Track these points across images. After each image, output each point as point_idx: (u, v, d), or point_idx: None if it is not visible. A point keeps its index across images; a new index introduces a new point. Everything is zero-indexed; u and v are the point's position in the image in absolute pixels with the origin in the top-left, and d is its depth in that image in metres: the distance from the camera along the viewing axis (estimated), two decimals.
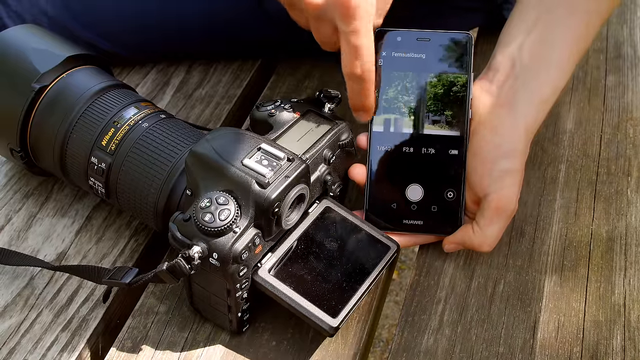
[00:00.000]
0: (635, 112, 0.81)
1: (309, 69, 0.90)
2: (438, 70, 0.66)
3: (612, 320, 0.62)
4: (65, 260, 0.67)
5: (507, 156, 0.63)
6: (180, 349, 0.60)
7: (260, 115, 0.64)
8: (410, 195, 0.65)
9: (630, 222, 0.70)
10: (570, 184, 0.73)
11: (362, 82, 0.60)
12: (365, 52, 0.58)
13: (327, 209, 0.62)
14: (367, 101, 0.62)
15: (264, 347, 0.60)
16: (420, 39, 0.66)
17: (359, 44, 0.57)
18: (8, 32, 0.69)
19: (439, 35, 0.66)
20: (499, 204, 0.62)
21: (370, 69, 0.59)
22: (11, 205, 0.72)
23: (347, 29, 0.56)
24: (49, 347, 0.61)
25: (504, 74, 0.66)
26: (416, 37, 0.66)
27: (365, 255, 0.60)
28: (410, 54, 0.66)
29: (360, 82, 0.60)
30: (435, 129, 0.66)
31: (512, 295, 0.64)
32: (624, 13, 0.97)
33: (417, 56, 0.66)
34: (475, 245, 0.63)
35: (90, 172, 0.64)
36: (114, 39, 0.86)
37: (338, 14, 0.56)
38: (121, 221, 0.71)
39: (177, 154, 0.61)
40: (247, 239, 0.54)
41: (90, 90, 0.65)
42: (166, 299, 0.64)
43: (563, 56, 0.66)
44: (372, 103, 0.63)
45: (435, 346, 0.60)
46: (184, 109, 0.84)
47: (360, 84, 0.60)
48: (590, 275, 0.65)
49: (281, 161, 0.55)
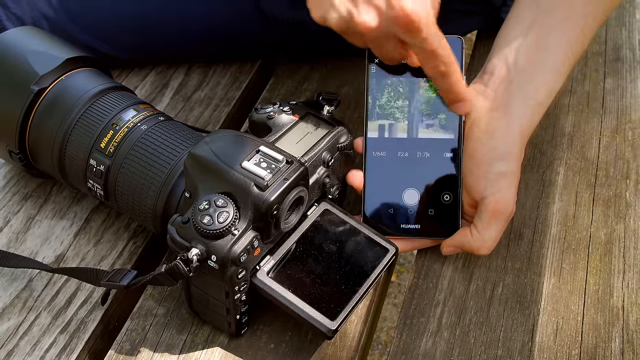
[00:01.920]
0: (634, 115, 0.81)
1: (308, 71, 0.90)
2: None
3: (610, 323, 0.62)
4: (63, 263, 0.67)
5: (503, 159, 0.63)
6: (179, 351, 0.60)
7: (259, 118, 0.64)
8: (407, 200, 0.65)
9: (628, 225, 0.70)
10: (569, 186, 0.74)
11: (449, 77, 0.61)
12: (441, 52, 0.59)
13: (325, 211, 0.62)
14: (461, 91, 0.63)
15: (262, 350, 0.60)
16: None
17: (434, 48, 0.58)
18: (7, 34, 0.69)
19: None
20: (496, 206, 0.62)
21: (451, 63, 0.60)
22: (10, 207, 0.72)
23: (417, 42, 0.58)
24: (47, 349, 0.61)
25: (499, 77, 0.66)
26: None
27: (363, 258, 0.60)
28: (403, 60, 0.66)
29: (447, 78, 0.62)
30: (430, 132, 0.66)
31: (511, 298, 0.64)
32: (623, 16, 0.97)
33: None
34: (474, 248, 0.63)
35: (89, 174, 0.64)
36: (113, 41, 0.86)
37: (401, 30, 0.57)
38: (120, 223, 0.71)
39: (176, 156, 0.61)
40: (245, 242, 0.54)
41: (89, 93, 0.65)
42: (165, 302, 0.63)
43: (558, 59, 0.66)
44: (465, 90, 0.64)
45: (433, 349, 0.60)
46: (183, 111, 0.84)
47: (449, 79, 0.62)
48: (589, 278, 0.65)
49: (280, 164, 0.55)
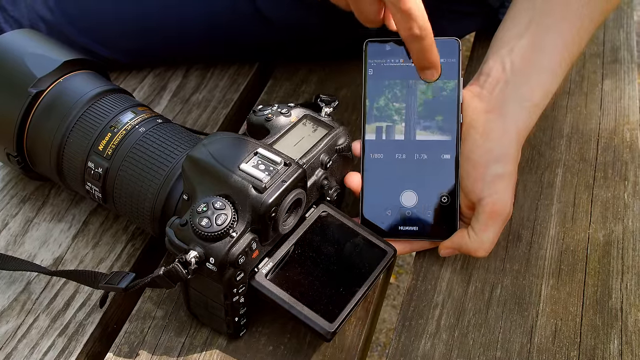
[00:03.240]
0: (632, 117, 0.81)
1: (306, 73, 0.90)
2: None
3: (609, 324, 0.62)
4: (62, 265, 0.67)
5: (499, 160, 0.63)
6: (177, 353, 0.60)
7: (257, 120, 0.64)
8: (405, 202, 0.65)
9: (627, 226, 0.70)
10: (567, 188, 0.74)
11: (423, 40, 0.61)
12: (417, 12, 0.58)
13: (324, 213, 0.62)
14: (432, 56, 0.63)
15: (260, 352, 0.60)
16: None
17: (409, 7, 0.58)
18: (5, 37, 0.69)
19: None
20: (494, 208, 0.62)
21: (426, 26, 0.60)
22: (8, 210, 0.72)
23: None
24: (45, 352, 0.60)
25: (495, 78, 0.66)
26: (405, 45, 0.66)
27: (362, 260, 0.60)
28: (400, 62, 0.66)
29: (420, 41, 0.61)
30: (427, 134, 0.66)
31: (509, 300, 0.64)
32: (621, 18, 0.97)
33: (407, 64, 0.66)
34: (471, 250, 0.63)
35: (87, 177, 0.64)
36: (112, 45, 0.86)
37: None
38: (118, 226, 0.71)
39: (174, 158, 0.61)
40: (244, 244, 0.54)
41: (87, 95, 0.65)
42: (163, 304, 0.63)
43: (554, 61, 0.66)
44: (437, 58, 0.64)
45: (432, 351, 0.60)
46: (181, 114, 0.84)
47: (422, 43, 0.61)
48: (587, 280, 0.65)
49: (278, 166, 0.55)
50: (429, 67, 0.65)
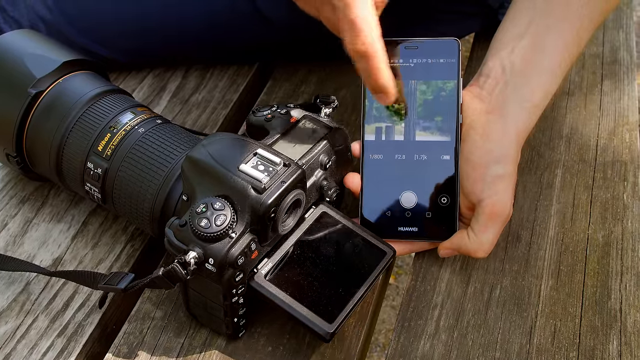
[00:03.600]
0: (632, 117, 0.81)
1: (306, 74, 0.90)
2: (427, 77, 0.66)
3: (608, 325, 0.62)
4: (61, 266, 0.67)
5: (499, 161, 0.63)
6: (177, 354, 0.60)
7: (256, 121, 0.64)
8: (404, 202, 0.65)
9: (626, 227, 0.70)
10: (567, 188, 0.74)
11: (368, 59, 0.53)
12: (362, 25, 0.51)
13: (323, 214, 0.62)
14: (380, 80, 0.55)
15: (260, 353, 0.60)
16: (408, 47, 0.66)
17: (353, 17, 0.51)
18: (4, 37, 0.69)
19: (427, 43, 0.67)
20: (493, 209, 0.62)
21: (372, 43, 0.52)
22: (7, 210, 0.72)
23: (339, 3, 0.51)
24: (44, 352, 0.60)
25: (494, 79, 0.66)
26: (404, 45, 0.66)
27: (361, 261, 0.60)
28: (399, 63, 0.66)
29: (365, 60, 0.53)
30: (427, 135, 0.66)
31: (509, 301, 0.64)
32: (620, 18, 0.97)
33: (406, 64, 0.66)
34: (471, 251, 0.63)
35: (87, 178, 0.64)
36: (111, 44, 0.86)
37: None
38: (117, 226, 0.71)
39: (174, 159, 0.61)
40: (243, 245, 0.54)
41: (86, 96, 0.65)
42: (162, 305, 0.63)
43: (554, 61, 0.66)
44: (387, 81, 0.55)
45: (431, 351, 0.60)
46: (181, 114, 0.84)
47: (367, 62, 0.53)
48: (587, 280, 0.65)
49: (277, 166, 0.55)
50: (377, 92, 0.57)
